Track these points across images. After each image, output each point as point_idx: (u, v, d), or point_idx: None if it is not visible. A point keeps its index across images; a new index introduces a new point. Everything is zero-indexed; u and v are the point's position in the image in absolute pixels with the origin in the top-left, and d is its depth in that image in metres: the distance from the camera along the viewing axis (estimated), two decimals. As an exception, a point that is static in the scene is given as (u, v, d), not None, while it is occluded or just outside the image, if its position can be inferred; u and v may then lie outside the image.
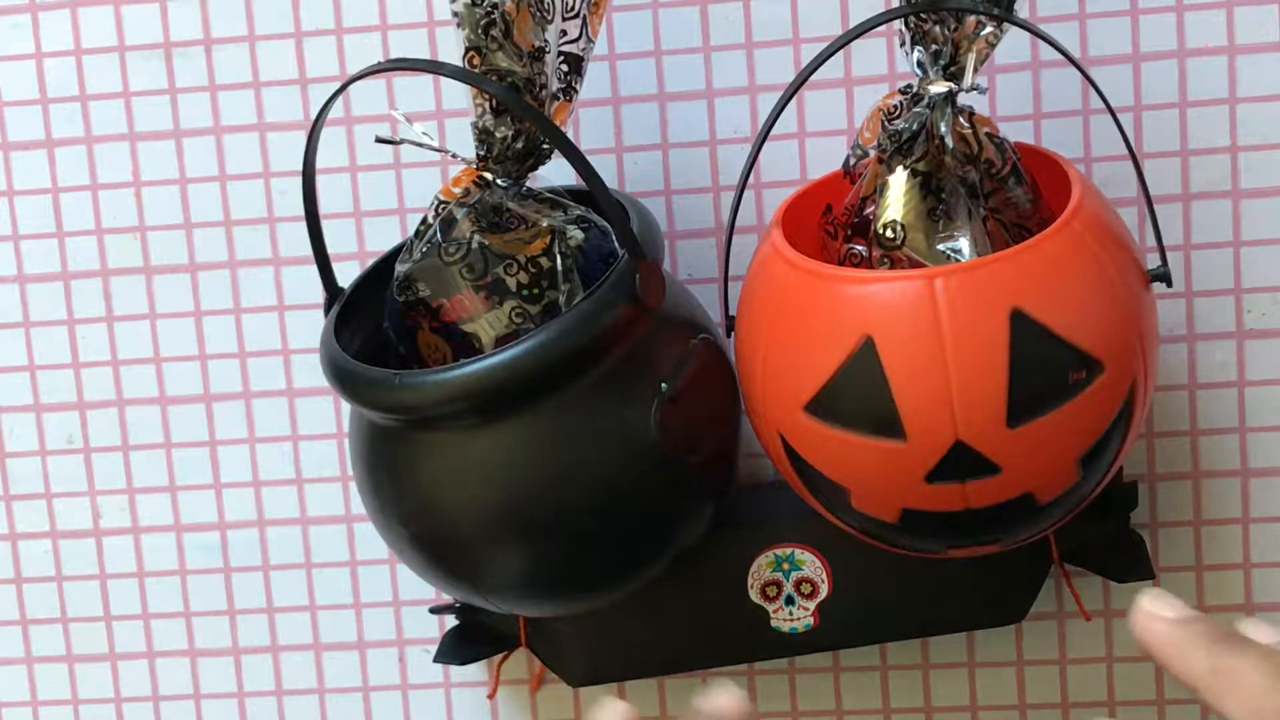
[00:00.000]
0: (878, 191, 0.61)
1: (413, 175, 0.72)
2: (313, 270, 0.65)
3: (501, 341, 0.61)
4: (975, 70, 0.59)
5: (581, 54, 0.62)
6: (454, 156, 0.63)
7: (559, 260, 0.61)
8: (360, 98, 0.71)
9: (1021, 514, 0.58)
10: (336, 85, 0.60)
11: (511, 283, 0.61)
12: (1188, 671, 0.45)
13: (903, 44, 0.60)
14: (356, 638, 0.75)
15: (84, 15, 0.72)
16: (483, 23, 0.59)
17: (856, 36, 0.59)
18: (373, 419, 0.61)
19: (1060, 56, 0.59)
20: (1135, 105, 0.68)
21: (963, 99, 0.60)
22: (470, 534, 0.60)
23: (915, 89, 0.60)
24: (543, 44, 0.60)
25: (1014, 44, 0.66)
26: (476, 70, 0.60)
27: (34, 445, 0.75)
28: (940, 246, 0.60)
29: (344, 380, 0.60)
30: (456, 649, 0.71)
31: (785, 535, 0.67)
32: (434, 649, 0.73)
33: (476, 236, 0.62)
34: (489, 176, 0.62)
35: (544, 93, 0.61)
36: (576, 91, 0.62)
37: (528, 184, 0.63)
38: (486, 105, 0.61)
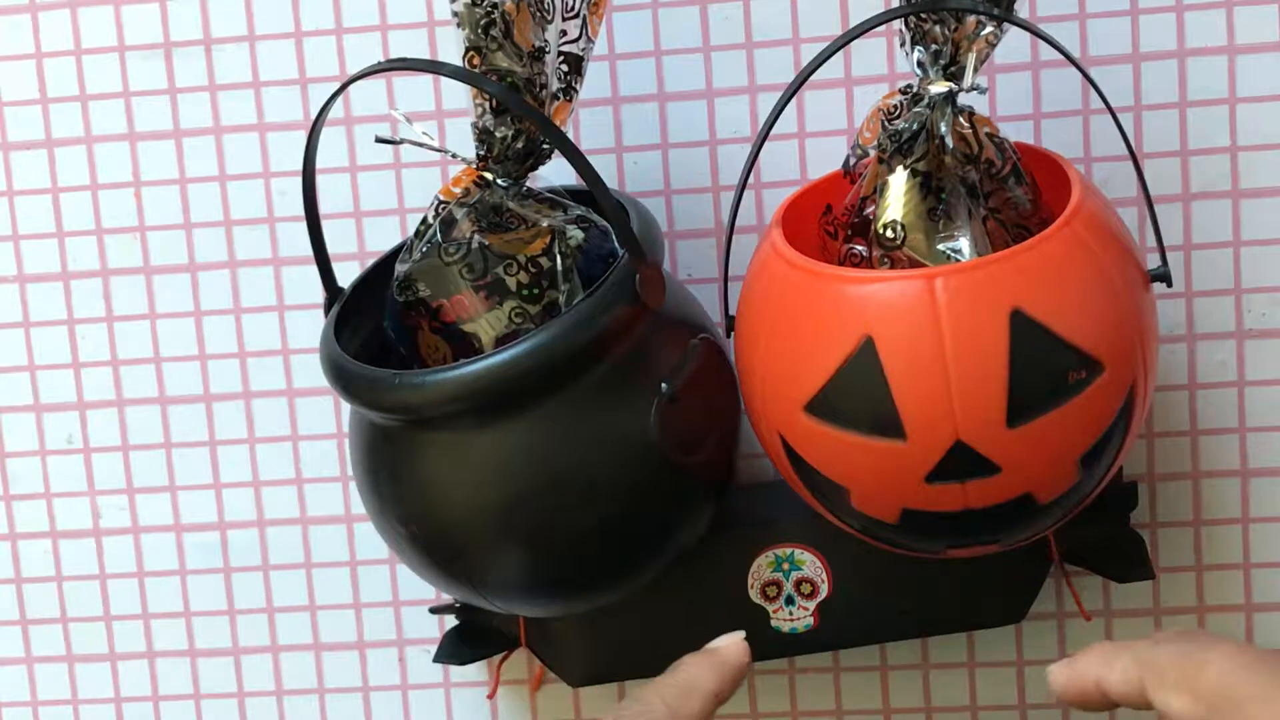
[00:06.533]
0: (878, 191, 0.61)
1: (413, 175, 0.72)
2: (313, 270, 0.65)
3: (501, 341, 0.61)
4: (975, 70, 0.59)
5: (581, 54, 0.62)
6: (454, 156, 0.63)
7: (559, 260, 0.61)
8: (360, 98, 0.71)
9: (1021, 514, 0.58)
10: (336, 85, 0.60)
11: (511, 283, 0.61)
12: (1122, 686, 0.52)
13: (903, 44, 0.60)
14: (356, 638, 0.75)
15: (84, 15, 0.72)
16: (483, 23, 0.59)
17: (856, 36, 0.59)
18: (373, 419, 0.61)
19: (1060, 56, 0.59)
20: (1135, 105, 0.68)
21: (963, 99, 0.60)
22: (470, 534, 0.60)
23: (915, 89, 0.60)
24: (543, 44, 0.60)
25: (1014, 44, 0.66)
26: (476, 70, 0.60)
27: (34, 445, 0.75)
28: (940, 246, 0.60)
29: (344, 380, 0.60)
30: (456, 649, 0.71)
31: (785, 535, 0.67)
32: (434, 649, 0.73)
33: (476, 236, 0.61)
34: (489, 176, 0.62)
35: (544, 93, 0.61)
36: (576, 91, 0.62)
37: (528, 184, 0.63)
38: (486, 105, 0.61)
